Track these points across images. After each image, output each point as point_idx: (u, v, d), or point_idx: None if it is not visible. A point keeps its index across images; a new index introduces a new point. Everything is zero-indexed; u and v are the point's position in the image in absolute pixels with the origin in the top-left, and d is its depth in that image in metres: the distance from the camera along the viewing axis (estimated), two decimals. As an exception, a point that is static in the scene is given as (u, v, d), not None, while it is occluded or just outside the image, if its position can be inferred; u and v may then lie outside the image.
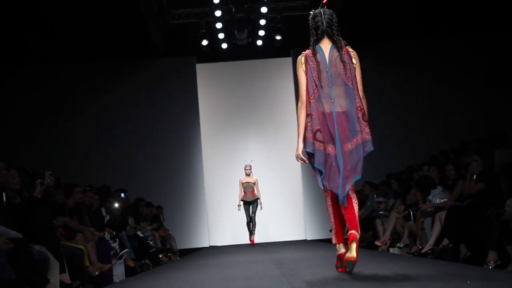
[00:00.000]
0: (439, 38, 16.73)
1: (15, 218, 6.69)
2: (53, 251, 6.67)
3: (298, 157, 5.22)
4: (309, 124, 5.10)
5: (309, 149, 5.10)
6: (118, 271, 9.11)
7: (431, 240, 8.32)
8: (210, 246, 16.50)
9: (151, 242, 11.65)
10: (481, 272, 5.49)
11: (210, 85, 17.53)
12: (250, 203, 15.05)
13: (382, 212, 11.58)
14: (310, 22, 5.36)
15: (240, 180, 15.27)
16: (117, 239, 9.46)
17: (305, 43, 16.42)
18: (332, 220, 5.37)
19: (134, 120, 16.75)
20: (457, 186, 8.36)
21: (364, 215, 12.72)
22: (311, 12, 5.37)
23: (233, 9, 15.67)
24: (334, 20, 5.32)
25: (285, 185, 16.94)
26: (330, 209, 5.35)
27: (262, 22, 16.32)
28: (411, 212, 9.86)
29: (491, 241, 6.42)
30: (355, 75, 5.23)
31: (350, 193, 5.14)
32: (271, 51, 17.09)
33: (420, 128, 16.49)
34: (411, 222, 9.75)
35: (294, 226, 16.97)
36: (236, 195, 15.37)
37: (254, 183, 15.10)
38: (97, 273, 8.16)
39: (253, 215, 15.02)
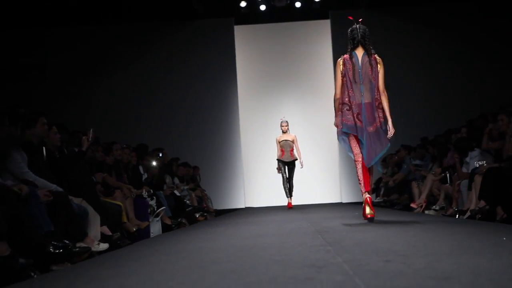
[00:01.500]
0: (471, 1, 16.48)
1: (55, 172, 6.83)
2: (93, 205, 6.81)
3: (336, 126, 6.89)
4: (347, 110, 6.73)
5: (348, 129, 6.72)
6: (155, 229, 9.25)
7: (468, 202, 8.28)
8: (246, 207, 16.64)
9: (187, 202, 11.78)
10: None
11: (248, 47, 17.51)
12: (288, 164, 13.43)
13: (418, 175, 11.55)
14: (349, 34, 6.93)
15: (276, 138, 13.72)
16: (154, 197, 9.59)
17: (343, 5, 16.36)
18: (361, 176, 6.75)
19: (172, 81, 16.86)
20: (496, 142, 8.31)
21: (400, 178, 12.70)
22: (350, 27, 6.93)
23: (272, -30, 15.57)
24: (367, 34, 6.87)
25: (322, 147, 16.93)
26: (360, 169, 6.74)
27: (301, -17, 16.21)
28: (448, 175, 9.80)
29: (528, 202, 6.37)
30: (378, 76, 6.80)
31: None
32: (310, 13, 16.98)
33: (455, 93, 16.34)
34: (448, 184, 9.70)
35: (329, 189, 17.01)
36: (273, 156, 13.98)
37: (293, 141, 13.51)
38: (134, 229, 8.29)
39: (291, 180, 13.43)
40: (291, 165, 13.48)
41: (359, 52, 6.85)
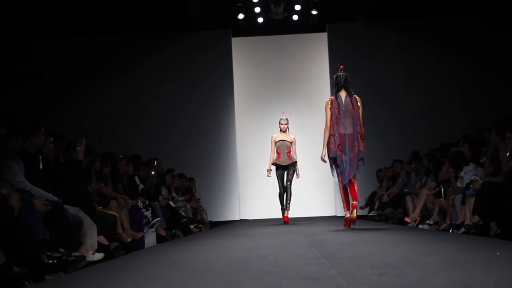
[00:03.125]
0: (470, 16, 16.60)
1: (51, 182, 6.84)
2: (89, 215, 6.81)
3: (322, 159, 8.58)
4: (332, 140, 8.33)
5: (333, 155, 8.33)
6: (150, 240, 9.24)
7: (462, 217, 8.32)
8: (240, 219, 16.63)
9: (183, 213, 11.78)
10: (511, 246, 5.49)
11: (245, 59, 17.57)
12: (285, 168, 11.87)
13: (412, 189, 11.60)
14: (334, 79, 8.64)
15: (272, 138, 12.10)
16: (149, 208, 9.59)
17: (340, 18, 16.42)
18: (342, 196, 8.52)
19: (169, 92, 16.91)
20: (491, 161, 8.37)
21: (395, 192, 12.73)
22: (335, 74, 8.67)
23: (270, -17, 15.66)
24: (348, 79, 8.55)
25: (317, 161, 16.84)
26: (341, 191, 8.47)
27: (299, -4, 16.29)
28: (442, 189, 9.83)
29: (522, 218, 6.40)
30: (358, 112, 8.35)
31: (353, 180, 8.34)
32: (307, 26, 17.05)
33: (451, 107, 16.43)
34: (442, 199, 9.73)
35: (324, 202, 17.01)
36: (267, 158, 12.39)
37: (291, 143, 11.99)
38: (129, 240, 8.28)
39: (288, 183, 11.82)
40: (289, 168, 11.87)
41: (343, 94, 8.49)
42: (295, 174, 11.90)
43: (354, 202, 8.28)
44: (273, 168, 12.02)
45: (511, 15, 16.28)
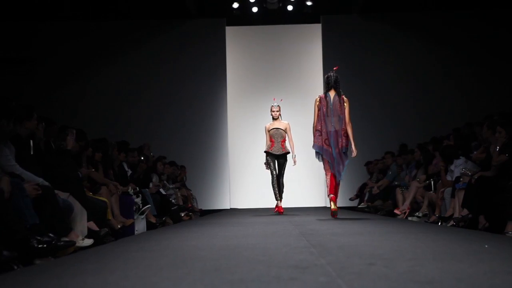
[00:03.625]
0: (465, 10, 16.66)
1: (42, 166, 6.82)
2: (80, 200, 6.81)
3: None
4: (318, 135, 9.02)
5: (317, 149, 9.05)
6: (140, 226, 9.24)
7: (451, 210, 8.36)
8: (231, 208, 16.66)
9: (173, 200, 11.79)
10: (499, 239, 5.53)
11: (239, 48, 17.55)
12: (278, 158, 11.48)
13: (402, 181, 11.65)
14: (325, 79, 9.27)
15: (266, 127, 11.75)
16: (140, 195, 9.59)
17: (335, 10, 16.48)
18: (329, 183, 9.04)
19: (162, 80, 16.89)
20: (482, 148, 8.41)
21: (385, 184, 12.78)
22: (326, 74, 9.31)
23: (265, -27, 15.63)
24: (338, 80, 9.15)
25: (308, 151, 16.87)
26: (328, 179, 9.06)
27: (294, -14, 16.28)
28: (432, 182, 9.87)
29: (511, 212, 6.44)
30: (345, 111, 8.99)
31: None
32: (301, 17, 17.04)
33: (443, 100, 16.48)
34: (432, 192, 9.77)
35: (315, 192, 17.04)
36: (260, 157, 12.43)
37: (285, 130, 11.60)
38: (119, 226, 8.29)
39: (281, 177, 11.50)
40: (281, 159, 11.49)
41: (332, 93, 9.10)
42: (287, 163, 11.47)
43: (332, 195, 9.04)
44: (264, 155, 11.63)
45: (505, 11, 16.33)
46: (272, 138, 11.48)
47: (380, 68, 16.86)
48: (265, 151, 11.58)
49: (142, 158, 10.86)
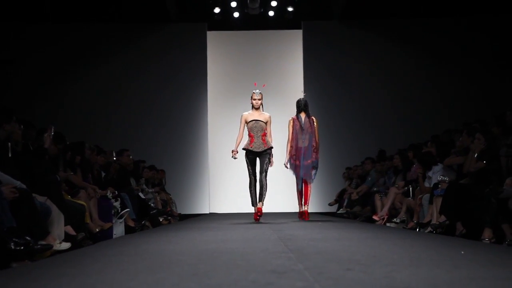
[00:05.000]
0: (444, 17, 16.81)
1: (19, 169, 6.77)
2: (57, 204, 6.76)
3: (285, 165, 10.63)
4: (291, 150, 10.43)
5: (290, 167, 10.52)
6: (118, 230, 9.20)
7: (429, 216, 8.42)
8: (210, 213, 16.63)
9: (152, 204, 11.74)
10: (476, 245, 5.57)
11: (220, 53, 17.56)
12: (258, 155, 9.85)
13: (381, 187, 11.71)
14: (296, 103, 10.64)
15: (243, 117, 10.16)
16: (119, 199, 9.54)
17: (315, 16, 16.60)
18: (298, 196, 10.66)
19: (142, 84, 16.85)
20: (460, 157, 8.47)
21: (364, 190, 12.82)
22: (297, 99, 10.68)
23: (247, -22, 15.67)
24: (307, 104, 10.59)
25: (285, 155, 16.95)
26: (298, 193, 10.67)
27: (275, -8, 16.32)
28: (411, 189, 9.93)
29: (487, 218, 6.49)
30: (314, 130, 10.44)
31: (308, 184, 10.46)
32: (282, 22, 17.09)
33: (423, 107, 16.59)
34: (410, 198, 9.83)
35: (294, 198, 17.01)
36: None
37: (266, 123, 10.00)
38: (97, 230, 8.24)
39: (263, 174, 9.80)
40: (263, 156, 9.84)
41: (303, 115, 10.49)
42: (268, 161, 9.85)
43: (306, 208, 10.58)
44: (243, 153, 10.00)
45: (485, 17, 16.48)
46: (251, 132, 9.91)
47: (360, 74, 16.95)
48: (244, 149, 9.94)
49: (115, 158, 10.78)
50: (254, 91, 10.36)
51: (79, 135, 12.26)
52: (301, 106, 10.51)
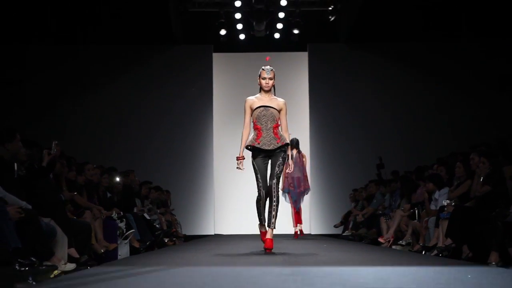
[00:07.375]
0: (450, 41, 16.80)
1: (24, 189, 6.78)
2: (62, 226, 6.75)
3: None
4: (286, 179, 12.26)
5: (286, 191, 12.40)
6: (123, 251, 9.18)
7: (434, 239, 8.38)
8: (215, 234, 16.58)
9: (157, 226, 11.73)
10: (482, 269, 5.54)
11: (226, 74, 17.60)
12: (269, 154, 7.28)
13: (387, 210, 11.69)
14: (289, 142, 8.29)
15: (247, 102, 7.62)
16: (124, 219, 9.53)
17: (321, 39, 16.62)
18: (294, 216, 12.79)
19: (148, 105, 16.86)
20: (464, 184, 8.43)
21: (369, 212, 12.79)
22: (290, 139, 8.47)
23: (253, 1, 15.72)
24: (298, 142, 12.48)
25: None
26: (293, 214, 12.79)
27: (281, 15, 16.33)
28: (416, 211, 9.90)
29: (493, 242, 6.45)
30: (303, 163, 12.57)
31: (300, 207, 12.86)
32: (288, 44, 17.13)
33: (428, 130, 16.55)
34: (416, 220, 9.80)
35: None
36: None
37: (280, 111, 7.50)
38: (102, 251, 8.23)
39: (274, 181, 7.15)
40: (275, 155, 7.28)
41: (294, 151, 12.11)
42: (282, 163, 7.28)
43: (300, 227, 12.81)
44: (249, 154, 7.49)
45: (491, 41, 16.48)
46: (257, 124, 7.31)
47: (365, 97, 16.96)
48: (248, 147, 7.46)
49: (118, 179, 10.77)
50: (263, 67, 7.66)
51: (85, 156, 12.28)
52: (293, 144, 11.84)
